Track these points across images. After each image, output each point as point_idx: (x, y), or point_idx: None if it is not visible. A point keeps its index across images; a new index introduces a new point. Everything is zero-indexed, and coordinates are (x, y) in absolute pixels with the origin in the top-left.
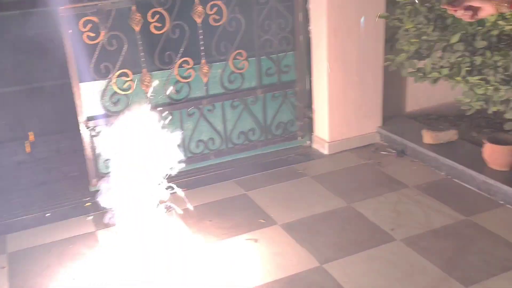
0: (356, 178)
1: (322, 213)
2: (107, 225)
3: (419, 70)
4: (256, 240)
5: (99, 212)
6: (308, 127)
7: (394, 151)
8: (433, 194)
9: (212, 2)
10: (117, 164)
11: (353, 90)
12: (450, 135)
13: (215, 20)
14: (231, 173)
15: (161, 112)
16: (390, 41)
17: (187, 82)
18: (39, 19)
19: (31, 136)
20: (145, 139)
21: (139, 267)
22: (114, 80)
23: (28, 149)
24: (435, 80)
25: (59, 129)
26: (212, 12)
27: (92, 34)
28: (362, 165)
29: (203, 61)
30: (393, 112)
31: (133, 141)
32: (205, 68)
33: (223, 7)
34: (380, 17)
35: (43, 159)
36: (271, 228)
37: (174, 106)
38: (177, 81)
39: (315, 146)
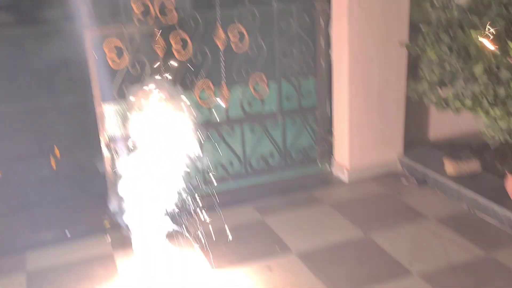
0: (375, 207)
1: (339, 242)
2: (124, 246)
3: (441, 99)
4: (270, 269)
5: (117, 232)
6: (328, 153)
7: (415, 180)
8: (453, 227)
9: (234, 28)
10: (136, 185)
11: (374, 116)
12: (473, 166)
13: (237, 46)
14: (249, 197)
15: (182, 134)
16: (413, 69)
17: (207, 105)
18: (66, 37)
19: (57, 152)
20: (163, 161)
21: None
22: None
23: (53, 165)
24: (457, 110)
25: (84, 146)
26: (234, 38)
27: (115, 57)
28: (381, 194)
29: (223, 84)
30: (415, 140)
31: (152, 163)
32: (225, 92)
33: (245, 32)
34: (402, 45)
35: (67, 176)
36: (286, 256)
37: (194, 129)
38: (198, 104)
39: (334, 172)
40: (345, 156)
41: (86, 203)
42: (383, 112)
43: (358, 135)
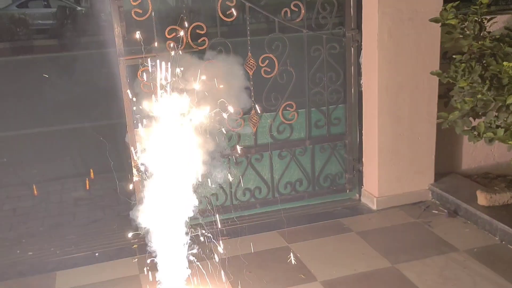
0: (403, 237)
1: (365, 272)
2: (150, 268)
3: (473, 129)
4: None
5: (144, 254)
6: (357, 181)
7: (445, 211)
8: (484, 261)
9: (264, 55)
10: (163, 208)
11: (404, 145)
12: (507, 197)
13: (266, 72)
14: (276, 223)
15: (211, 159)
16: (444, 97)
17: (237, 131)
18: (102, 63)
19: (91, 173)
20: (191, 185)
21: None
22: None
23: (87, 186)
24: (490, 140)
25: (115, 169)
26: (263, 65)
27: (147, 83)
28: (410, 224)
29: (253, 111)
30: (446, 169)
31: (180, 186)
32: (255, 118)
33: (275, 59)
34: (433, 73)
35: (99, 196)
36: (310, 284)
37: (223, 154)
38: (228, 130)
39: (363, 200)
40: (374, 184)
41: (117, 224)
42: (414, 140)
43: (388, 163)
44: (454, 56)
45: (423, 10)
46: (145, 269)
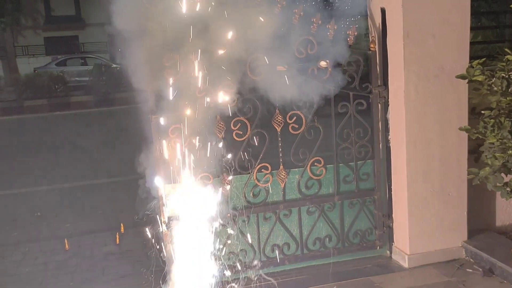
0: None
1: None
2: None
3: (506, 185)
4: None
5: None
6: (388, 237)
7: (480, 270)
8: None
9: (292, 112)
10: (192, 263)
11: (435, 201)
12: None
13: (294, 129)
14: (305, 281)
15: (238, 215)
16: (474, 153)
17: (265, 186)
18: (135, 118)
19: (122, 227)
20: (219, 241)
21: None
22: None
23: (117, 240)
24: None
25: (145, 223)
26: (291, 121)
27: (179, 141)
28: (444, 283)
29: (281, 166)
30: (480, 226)
31: (208, 242)
32: (283, 174)
33: (302, 116)
34: (461, 129)
35: (129, 251)
36: None
37: (251, 210)
38: (255, 185)
39: (394, 257)
40: (405, 241)
41: (146, 280)
42: (445, 196)
43: (419, 219)
44: (482, 111)
45: (449, 67)
46: None
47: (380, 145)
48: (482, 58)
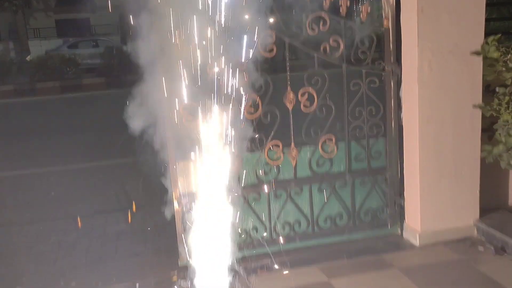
0: (447, 275)
1: None
2: None
3: None
4: None
5: (184, 286)
6: (399, 215)
7: (492, 248)
8: None
9: (303, 89)
10: (204, 241)
11: (447, 179)
12: None
13: (306, 106)
14: (316, 258)
15: (249, 192)
16: (488, 131)
17: (276, 164)
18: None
19: (134, 206)
20: (231, 218)
21: None
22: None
23: (129, 219)
24: None
25: (157, 202)
26: (303, 99)
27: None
28: (455, 261)
29: (292, 144)
30: (493, 205)
31: (220, 219)
32: (294, 151)
33: (314, 94)
34: (476, 107)
35: (141, 230)
36: None
37: (262, 187)
38: (266, 163)
39: (405, 235)
40: (417, 219)
41: (157, 258)
42: (457, 175)
43: (430, 198)
44: (497, 89)
45: (464, 43)
46: None
47: (393, 123)
48: (497, 34)
